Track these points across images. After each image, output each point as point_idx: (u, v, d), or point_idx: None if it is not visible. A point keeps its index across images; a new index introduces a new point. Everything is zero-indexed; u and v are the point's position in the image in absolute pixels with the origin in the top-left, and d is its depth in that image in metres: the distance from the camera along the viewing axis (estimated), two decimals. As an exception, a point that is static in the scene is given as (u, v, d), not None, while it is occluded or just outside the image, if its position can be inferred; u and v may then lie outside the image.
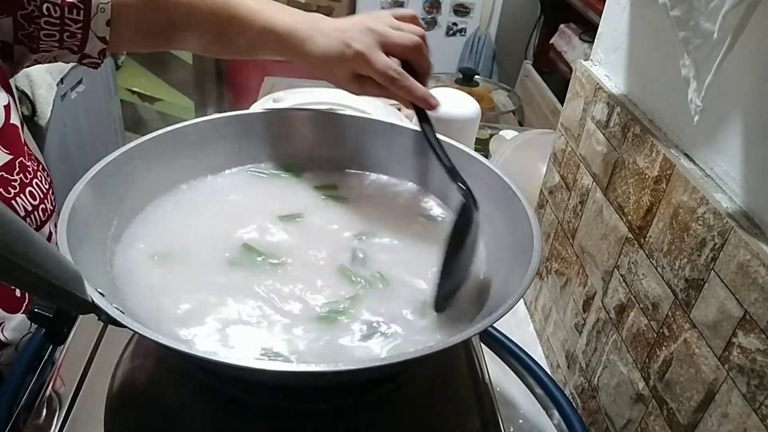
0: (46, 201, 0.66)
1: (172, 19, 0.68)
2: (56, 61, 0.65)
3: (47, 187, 0.68)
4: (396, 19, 0.63)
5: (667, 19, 0.47)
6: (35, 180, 0.65)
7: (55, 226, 0.71)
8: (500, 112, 1.60)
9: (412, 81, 0.61)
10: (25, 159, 0.65)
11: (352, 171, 0.70)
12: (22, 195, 0.63)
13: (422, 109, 0.62)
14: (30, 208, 0.64)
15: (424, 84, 0.62)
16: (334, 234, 0.61)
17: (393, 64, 0.60)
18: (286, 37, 0.64)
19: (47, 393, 0.55)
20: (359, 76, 0.63)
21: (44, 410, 0.53)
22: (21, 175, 0.63)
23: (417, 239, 0.62)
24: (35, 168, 0.67)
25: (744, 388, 0.44)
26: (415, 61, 0.62)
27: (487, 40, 2.46)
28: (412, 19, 0.64)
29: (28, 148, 0.67)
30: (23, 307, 0.65)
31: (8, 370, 0.63)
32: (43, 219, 0.66)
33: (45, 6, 0.61)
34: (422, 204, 0.67)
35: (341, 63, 0.61)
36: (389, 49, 0.61)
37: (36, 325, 0.66)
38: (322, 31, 0.63)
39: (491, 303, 0.52)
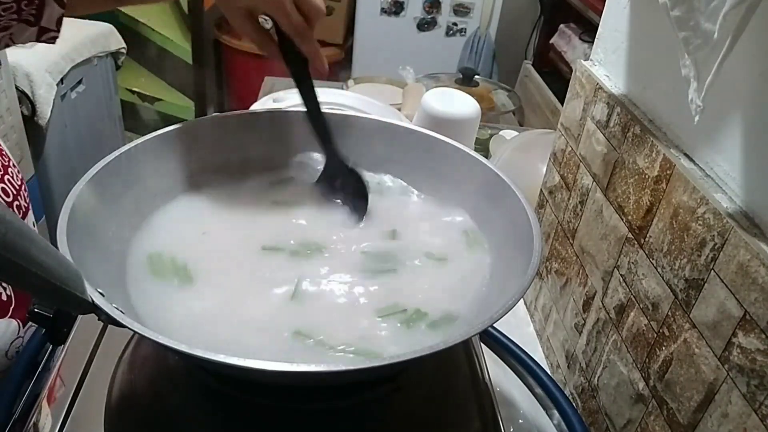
0: (19, 197, 0.65)
1: None
2: (14, 44, 0.61)
3: (19, 183, 0.67)
4: None
5: (667, 19, 0.47)
6: (6, 176, 0.64)
7: (34, 225, 0.71)
8: (500, 112, 1.60)
9: (316, 41, 0.62)
10: None
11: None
12: None
13: (305, 74, 0.63)
14: (4, 205, 0.63)
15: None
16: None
17: (303, 20, 0.60)
18: None
19: (46, 394, 0.55)
20: (251, 15, 0.62)
21: (43, 411, 0.53)
22: None
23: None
24: (5, 164, 0.66)
25: (744, 388, 0.44)
26: (313, 25, 0.62)
27: (487, 40, 2.46)
28: None
29: None
30: (10, 312, 0.64)
31: (2, 374, 0.63)
32: (19, 216, 0.65)
33: None
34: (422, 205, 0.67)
35: None
36: (300, 3, 0.61)
37: (22, 329, 0.66)
38: None
39: (491, 303, 0.52)
